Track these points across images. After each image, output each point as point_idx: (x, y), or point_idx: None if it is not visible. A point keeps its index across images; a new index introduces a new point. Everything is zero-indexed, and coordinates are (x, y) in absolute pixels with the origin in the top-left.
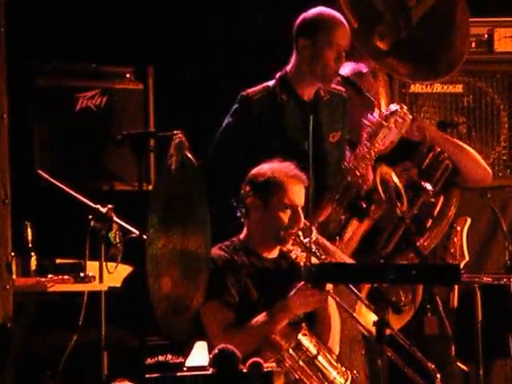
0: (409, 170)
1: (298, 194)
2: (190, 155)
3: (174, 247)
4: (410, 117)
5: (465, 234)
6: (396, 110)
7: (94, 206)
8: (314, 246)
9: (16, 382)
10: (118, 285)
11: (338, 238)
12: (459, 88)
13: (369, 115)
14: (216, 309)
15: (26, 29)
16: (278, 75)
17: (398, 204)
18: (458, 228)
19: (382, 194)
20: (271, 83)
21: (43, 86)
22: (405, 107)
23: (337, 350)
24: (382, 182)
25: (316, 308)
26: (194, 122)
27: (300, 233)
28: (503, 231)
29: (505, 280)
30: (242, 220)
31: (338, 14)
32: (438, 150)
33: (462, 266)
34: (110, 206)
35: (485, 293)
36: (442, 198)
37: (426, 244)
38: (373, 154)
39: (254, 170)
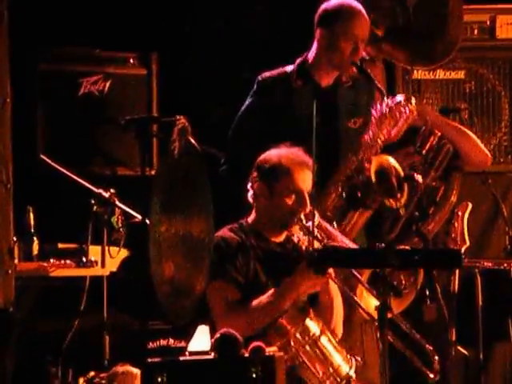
0: (412, 156)
1: (303, 179)
2: (192, 140)
3: (177, 232)
4: (415, 107)
5: (466, 219)
6: (401, 101)
7: (96, 190)
8: (316, 230)
9: (18, 367)
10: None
11: (335, 225)
12: (461, 74)
13: (376, 105)
14: (223, 288)
15: (28, 14)
16: (297, 61)
17: (398, 195)
18: (459, 213)
19: (375, 184)
20: (289, 68)
21: (46, 71)
22: (413, 100)
23: (340, 333)
24: (380, 172)
25: (319, 290)
26: (196, 107)
27: (303, 217)
28: (504, 217)
29: (505, 265)
30: (252, 203)
31: (357, 5)
32: (439, 134)
33: (462, 250)
34: (112, 190)
35: (485, 278)
36: (443, 183)
37: (430, 228)
38: (379, 143)
39: (262, 156)
